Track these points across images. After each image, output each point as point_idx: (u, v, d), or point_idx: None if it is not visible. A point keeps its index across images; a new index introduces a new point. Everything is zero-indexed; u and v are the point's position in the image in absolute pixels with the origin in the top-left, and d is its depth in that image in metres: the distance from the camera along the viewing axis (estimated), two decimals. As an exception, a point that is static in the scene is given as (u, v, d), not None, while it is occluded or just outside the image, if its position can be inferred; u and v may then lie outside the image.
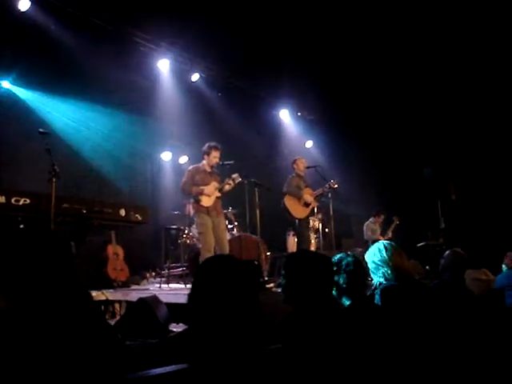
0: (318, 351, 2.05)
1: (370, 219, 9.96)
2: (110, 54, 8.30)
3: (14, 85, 7.66)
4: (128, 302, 5.75)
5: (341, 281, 2.87)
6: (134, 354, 1.78)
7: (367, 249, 3.49)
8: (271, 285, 5.73)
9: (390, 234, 9.73)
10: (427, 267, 8.78)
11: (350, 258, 2.94)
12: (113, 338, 1.65)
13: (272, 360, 1.86)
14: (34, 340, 1.43)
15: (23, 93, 7.69)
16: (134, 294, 5.78)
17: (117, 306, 6.00)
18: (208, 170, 6.59)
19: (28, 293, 1.55)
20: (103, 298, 5.73)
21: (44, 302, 1.53)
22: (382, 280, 3.24)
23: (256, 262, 5.84)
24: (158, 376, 1.39)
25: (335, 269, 2.83)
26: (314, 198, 7.79)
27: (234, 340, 1.82)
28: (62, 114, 7.97)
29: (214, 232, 6.36)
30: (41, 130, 5.52)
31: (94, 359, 1.50)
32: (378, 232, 9.79)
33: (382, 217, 9.95)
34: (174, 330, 4.59)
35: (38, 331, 1.45)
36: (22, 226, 5.21)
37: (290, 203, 7.65)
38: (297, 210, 7.67)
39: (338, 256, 2.98)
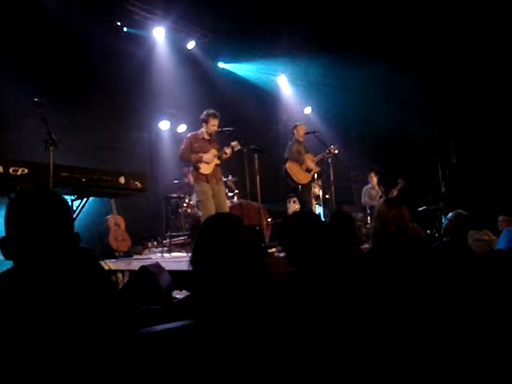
0: (318, 310, 2.04)
1: (369, 185, 9.87)
2: (103, 24, 8.15)
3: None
4: (131, 271, 5.77)
5: None
6: (138, 320, 1.77)
7: (366, 215, 3.45)
8: (273, 250, 5.74)
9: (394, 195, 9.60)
10: (428, 231, 8.78)
11: None
12: (116, 295, 1.63)
13: (273, 318, 1.85)
14: (38, 299, 1.43)
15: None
16: (136, 263, 5.79)
17: (119, 275, 6.03)
18: (207, 137, 6.53)
19: (30, 253, 1.53)
20: (106, 267, 5.74)
21: (46, 261, 1.51)
22: None
23: (257, 228, 5.84)
24: (161, 332, 1.38)
25: None
26: (315, 164, 7.77)
27: (238, 297, 1.81)
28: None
29: (214, 199, 6.35)
30: (35, 99, 5.42)
31: (99, 316, 1.49)
32: (377, 197, 9.60)
33: (374, 176, 9.78)
34: (177, 296, 4.60)
35: (41, 290, 1.44)
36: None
37: (292, 169, 7.65)
38: (299, 176, 7.66)
39: None
